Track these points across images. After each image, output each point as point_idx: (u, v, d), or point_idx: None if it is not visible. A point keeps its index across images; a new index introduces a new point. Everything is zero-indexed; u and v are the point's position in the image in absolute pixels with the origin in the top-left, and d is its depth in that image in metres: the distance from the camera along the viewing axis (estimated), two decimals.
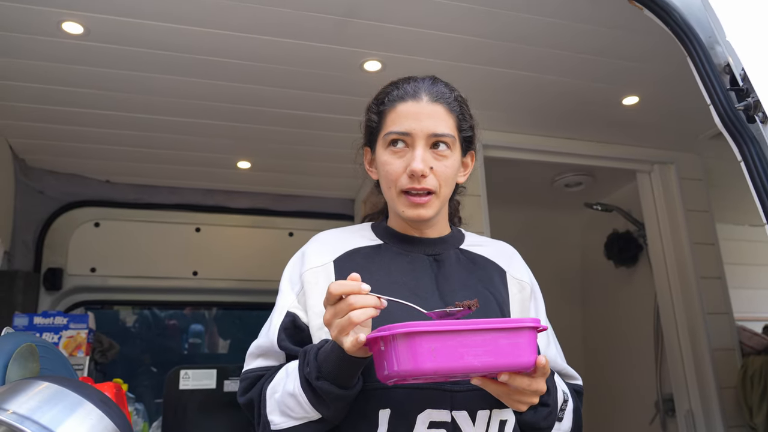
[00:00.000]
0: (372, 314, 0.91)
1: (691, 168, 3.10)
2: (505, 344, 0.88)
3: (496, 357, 0.88)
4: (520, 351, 0.89)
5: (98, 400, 0.98)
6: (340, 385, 0.98)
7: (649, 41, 2.02)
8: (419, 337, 0.85)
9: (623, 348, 3.85)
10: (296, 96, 2.42)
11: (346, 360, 0.95)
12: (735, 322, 3.02)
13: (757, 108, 1.20)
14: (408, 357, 0.85)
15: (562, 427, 1.16)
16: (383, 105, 1.16)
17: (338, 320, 0.92)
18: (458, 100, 1.19)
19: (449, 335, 0.86)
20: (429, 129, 1.11)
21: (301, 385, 1.01)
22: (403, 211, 1.14)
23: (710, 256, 3.03)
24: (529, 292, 1.26)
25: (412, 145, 1.12)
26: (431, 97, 1.14)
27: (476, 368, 0.88)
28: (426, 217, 1.14)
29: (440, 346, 0.85)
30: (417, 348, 0.85)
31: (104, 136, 2.73)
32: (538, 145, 2.85)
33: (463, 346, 0.86)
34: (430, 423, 1.04)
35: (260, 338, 1.18)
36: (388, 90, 1.19)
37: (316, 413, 1.01)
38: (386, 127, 1.14)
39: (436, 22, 1.97)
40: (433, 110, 1.13)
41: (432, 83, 1.17)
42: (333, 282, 0.94)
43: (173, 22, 1.92)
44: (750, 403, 2.79)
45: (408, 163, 1.11)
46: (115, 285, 3.19)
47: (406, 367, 0.86)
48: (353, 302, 0.90)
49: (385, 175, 1.14)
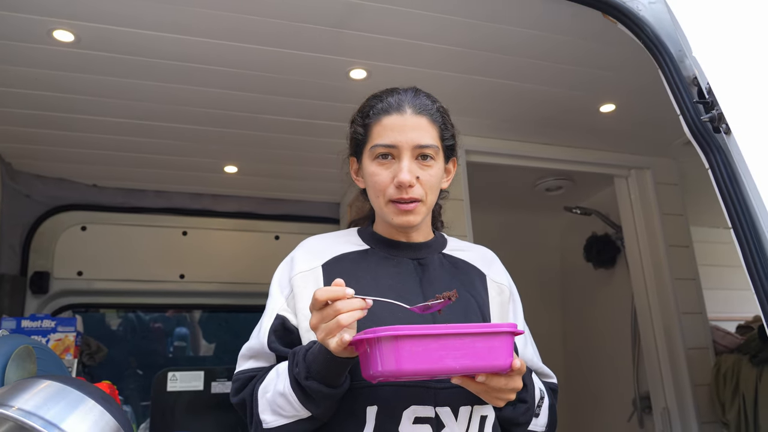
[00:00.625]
0: (358, 316, 0.96)
1: (666, 173, 3.18)
2: (482, 348, 0.93)
3: (473, 360, 0.93)
4: (497, 354, 0.94)
5: (99, 397, 1.02)
6: (328, 384, 1.03)
7: (624, 52, 2.10)
8: (401, 341, 0.90)
9: (602, 347, 3.90)
10: (283, 102, 2.47)
11: (332, 361, 1.00)
12: (708, 322, 3.10)
13: (720, 120, 1.28)
14: (391, 358, 0.90)
15: (538, 422, 1.22)
16: (368, 118, 1.21)
17: (324, 324, 0.96)
18: (440, 111, 1.24)
19: (430, 339, 0.91)
20: (414, 141, 1.16)
21: (291, 385, 1.05)
22: (392, 219, 1.19)
23: (685, 258, 3.11)
24: (508, 295, 1.32)
25: (398, 156, 1.17)
26: (414, 109, 1.19)
27: (455, 370, 0.93)
28: (414, 224, 1.20)
29: (421, 350, 0.90)
30: (399, 350, 0.90)
31: (92, 141, 2.75)
32: (519, 151, 2.91)
33: (443, 348, 0.91)
34: (415, 419, 1.09)
35: (251, 340, 1.22)
36: (372, 103, 1.23)
37: (305, 411, 1.06)
38: (372, 139, 1.19)
39: (420, 32, 2.03)
40: (417, 122, 1.18)
41: (414, 95, 1.22)
42: (318, 288, 0.98)
43: (162, 30, 1.96)
44: (723, 400, 2.87)
45: (395, 174, 1.16)
46: (101, 288, 3.19)
47: (389, 368, 0.91)
48: (340, 307, 0.95)
49: (373, 186, 1.20)
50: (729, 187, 1.27)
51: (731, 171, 1.28)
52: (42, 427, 0.91)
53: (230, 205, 3.47)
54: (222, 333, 3.75)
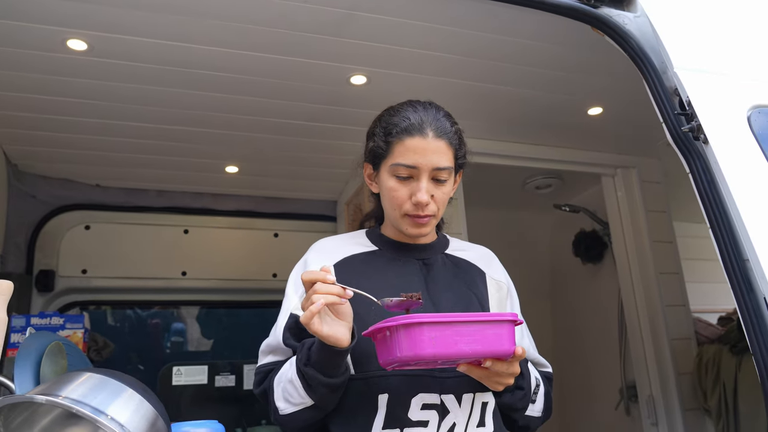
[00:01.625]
0: (332, 301, 1.05)
1: (651, 172, 3.25)
2: (491, 334, 1.03)
3: (483, 345, 1.03)
4: (503, 340, 1.05)
5: (138, 387, 1.11)
6: (325, 372, 1.11)
7: (610, 61, 2.18)
8: (421, 327, 1.00)
9: (590, 339, 3.99)
10: (285, 106, 2.54)
11: (324, 348, 1.09)
12: (691, 314, 3.17)
13: (699, 130, 1.39)
14: (410, 344, 1.00)
15: (535, 408, 1.32)
16: (391, 136, 1.27)
17: (306, 304, 1.06)
18: (457, 133, 1.32)
19: (446, 326, 1.01)
20: (433, 164, 1.25)
21: (297, 373, 1.15)
22: (407, 230, 1.29)
23: (669, 253, 3.18)
24: (506, 291, 1.42)
25: (417, 176, 1.25)
26: (435, 132, 1.26)
27: (466, 354, 1.03)
28: (425, 234, 1.31)
29: (438, 335, 1.00)
30: (418, 336, 0.99)
31: (96, 143, 2.82)
32: (511, 151, 2.98)
33: (457, 335, 1.01)
34: (423, 405, 1.19)
35: (269, 338, 1.31)
36: (395, 121, 1.29)
37: (308, 399, 1.15)
38: (394, 157, 1.27)
39: (417, 41, 2.11)
40: (437, 146, 1.25)
41: (435, 117, 1.29)
42: (304, 272, 1.08)
43: (171, 39, 2.03)
44: (704, 388, 2.95)
45: (413, 192, 1.25)
46: (105, 286, 3.25)
47: (407, 353, 1.00)
48: (317, 288, 1.05)
49: (391, 200, 1.28)
50: (707, 190, 1.38)
51: (710, 176, 1.38)
52: (91, 412, 0.99)
53: (230, 204, 3.53)
54: (223, 329, 3.82)
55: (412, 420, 1.18)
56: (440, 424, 1.19)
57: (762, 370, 1.20)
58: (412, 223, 1.28)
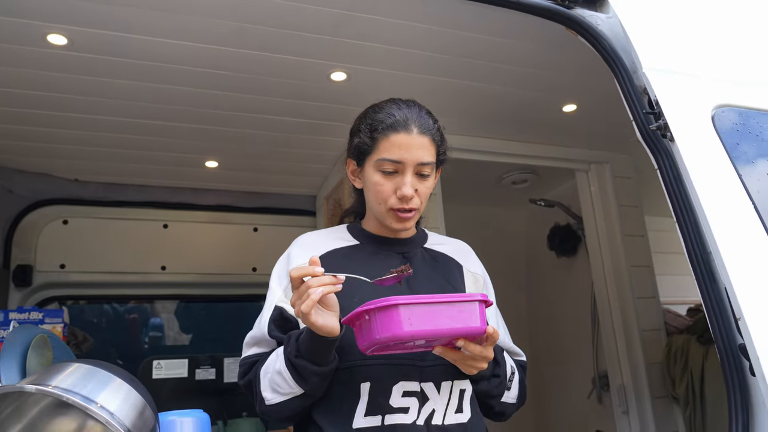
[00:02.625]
0: (328, 291, 1.09)
1: (623, 167, 3.32)
2: (463, 312, 1.09)
3: (456, 321, 1.08)
4: (473, 318, 1.10)
5: (126, 377, 1.13)
6: (315, 362, 1.16)
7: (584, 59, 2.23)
8: (398, 309, 1.04)
9: (564, 330, 4.06)
10: (264, 102, 2.55)
11: (317, 339, 1.13)
12: (661, 305, 3.25)
13: (666, 129, 1.45)
14: (388, 325, 1.04)
15: (510, 395, 1.37)
16: (377, 132, 1.31)
17: (299, 300, 1.09)
18: (439, 130, 1.37)
19: (420, 306, 1.06)
20: (417, 159, 1.29)
21: (285, 364, 1.18)
22: (391, 224, 1.33)
23: (640, 247, 3.26)
24: (482, 283, 1.48)
25: (402, 171, 1.29)
26: (419, 129, 1.31)
27: (441, 331, 1.08)
28: (409, 228, 1.35)
29: (413, 314, 1.05)
30: (395, 317, 1.04)
31: (74, 137, 2.80)
32: (487, 147, 3.03)
33: (431, 314, 1.06)
34: (404, 392, 1.24)
35: (254, 330, 1.34)
36: (380, 117, 1.33)
37: (298, 388, 1.19)
38: (379, 153, 1.31)
39: (397, 38, 2.14)
40: (421, 142, 1.30)
41: (418, 114, 1.34)
42: (293, 268, 1.12)
43: (152, 35, 2.03)
44: (673, 376, 3.03)
45: (397, 186, 1.29)
46: (84, 281, 3.23)
47: (385, 334, 1.04)
48: (310, 283, 1.08)
49: (376, 194, 1.32)
50: (674, 186, 1.44)
51: (676, 172, 1.44)
52: (81, 401, 1.02)
53: (210, 199, 3.53)
54: (202, 322, 3.83)
55: (393, 407, 1.22)
56: (420, 410, 1.24)
57: (723, 357, 1.27)
58: (396, 217, 1.32)
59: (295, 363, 1.16)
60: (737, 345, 1.26)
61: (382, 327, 1.05)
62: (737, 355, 1.26)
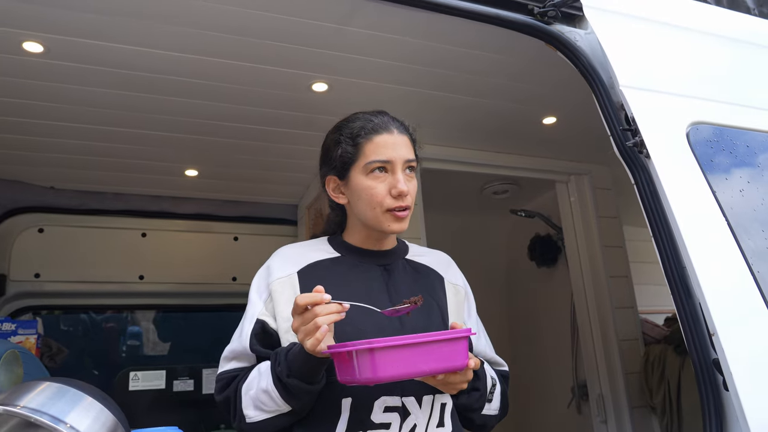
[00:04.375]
0: (334, 319, 1.09)
1: (602, 179, 3.36)
2: (447, 351, 1.07)
3: (439, 362, 1.06)
4: (458, 356, 1.09)
5: (97, 395, 1.11)
6: (307, 381, 1.15)
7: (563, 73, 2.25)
8: (378, 352, 1.01)
9: (544, 340, 4.08)
10: (245, 111, 2.54)
11: (311, 360, 1.12)
12: (639, 315, 3.27)
13: (642, 146, 1.47)
14: (368, 367, 1.01)
15: (491, 407, 1.37)
16: (360, 138, 1.33)
17: (304, 326, 1.08)
18: (413, 130, 1.41)
19: (402, 348, 1.03)
20: (404, 156, 1.32)
21: (274, 383, 1.17)
22: (389, 226, 1.31)
23: (618, 257, 3.29)
24: (463, 294, 1.48)
25: (392, 170, 1.31)
26: (398, 129, 1.35)
27: (424, 372, 1.06)
28: (405, 228, 1.34)
29: (395, 358, 1.01)
30: (376, 360, 1.01)
31: (50, 145, 2.76)
32: (468, 158, 3.04)
33: (414, 355, 1.03)
34: (385, 408, 1.23)
35: (233, 343, 1.32)
36: (359, 125, 1.35)
37: (286, 406, 1.18)
38: (366, 157, 1.31)
39: (379, 50, 2.14)
40: (403, 140, 1.34)
41: (391, 118, 1.38)
42: (299, 295, 1.10)
43: (129, 43, 2.01)
44: (650, 386, 3.06)
45: (391, 185, 1.30)
46: (60, 290, 3.17)
47: (366, 376, 1.02)
48: (318, 311, 1.07)
49: (369, 198, 1.31)
50: (650, 201, 1.45)
51: (653, 188, 1.46)
52: (49, 421, 0.99)
53: (189, 207, 3.49)
54: (181, 332, 3.78)
55: (374, 422, 1.21)
56: (402, 425, 1.23)
57: (698, 371, 1.28)
58: (394, 217, 1.31)
59: (287, 382, 1.15)
60: (711, 359, 1.27)
61: (365, 368, 1.02)
62: (711, 369, 1.28)
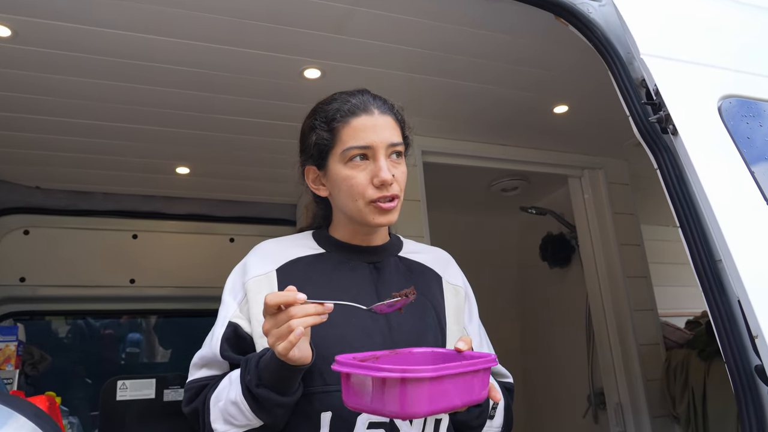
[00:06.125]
0: (312, 322, 0.94)
1: (618, 173, 3.25)
2: (476, 383, 0.90)
3: (470, 395, 0.89)
4: (483, 386, 0.92)
5: (31, 414, 0.96)
6: (280, 392, 1.01)
7: (576, 54, 2.14)
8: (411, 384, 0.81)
9: (557, 345, 3.97)
10: (236, 102, 2.41)
11: (285, 368, 0.98)
12: (659, 318, 3.17)
13: (668, 121, 1.30)
14: (401, 401, 0.82)
15: (493, 424, 1.22)
16: (335, 121, 1.17)
17: (276, 329, 0.94)
18: (398, 110, 1.24)
19: (438, 380, 0.83)
20: (387, 140, 1.16)
21: (243, 393, 1.04)
22: (374, 219, 1.16)
23: (636, 257, 3.18)
24: (463, 296, 1.33)
25: (373, 157, 1.15)
26: (380, 109, 1.18)
27: (456, 407, 0.87)
28: (393, 221, 1.19)
29: (435, 391, 0.83)
30: (413, 393, 0.81)
31: (33, 141, 2.64)
32: (475, 151, 2.93)
33: (448, 387, 0.85)
34: (369, 424, 1.08)
35: (203, 349, 1.19)
36: (334, 106, 1.19)
37: (257, 420, 1.04)
38: (343, 143, 1.16)
39: (374, 32, 2.01)
40: (386, 121, 1.17)
41: (373, 97, 1.21)
42: (269, 293, 0.95)
43: (106, 26, 1.89)
44: (673, 394, 2.94)
45: (373, 174, 1.14)
46: (46, 295, 3.07)
47: (397, 411, 0.82)
48: (293, 313, 0.93)
49: (349, 189, 1.16)
50: (676, 186, 1.29)
51: (678, 171, 1.30)
52: None
53: (183, 208, 3.38)
54: (176, 339, 3.65)
55: None
56: None
57: (737, 380, 1.12)
58: (379, 210, 1.16)
59: (257, 393, 1.01)
60: (753, 366, 1.10)
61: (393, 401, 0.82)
62: (753, 377, 1.10)
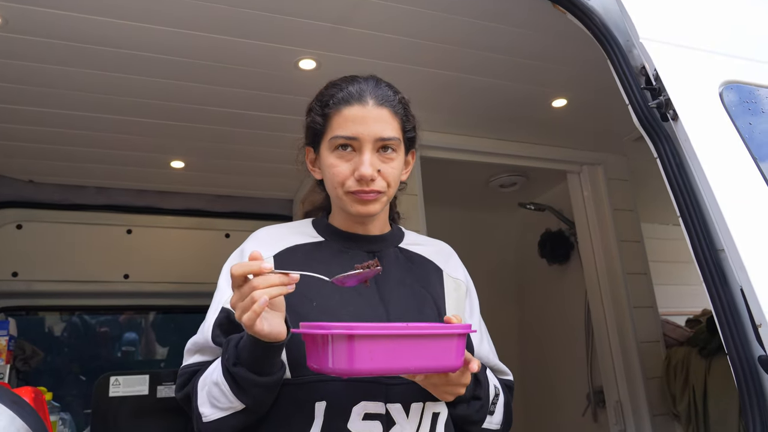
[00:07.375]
0: (276, 293, 0.92)
1: (617, 169, 3.22)
2: (437, 348, 0.92)
3: (427, 360, 0.92)
4: (450, 355, 0.93)
5: (9, 401, 0.93)
6: (257, 371, 0.99)
7: (575, 46, 2.11)
8: (357, 340, 0.86)
9: (556, 342, 3.95)
10: (231, 94, 2.38)
11: (259, 345, 0.97)
12: (659, 315, 3.14)
13: (668, 106, 1.27)
14: (344, 357, 0.87)
15: (493, 420, 1.20)
16: (328, 107, 1.16)
17: (242, 302, 0.92)
18: (401, 102, 1.21)
19: (387, 340, 0.88)
20: (376, 133, 1.13)
21: (223, 374, 1.02)
22: (351, 208, 1.15)
23: (636, 253, 3.15)
24: (464, 290, 1.31)
25: (359, 149, 1.13)
26: (376, 100, 1.15)
27: (408, 370, 0.92)
28: (373, 213, 1.16)
29: (377, 349, 0.87)
30: (354, 349, 0.86)
31: (25, 134, 2.60)
32: (472, 146, 2.89)
33: (400, 349, 0.89)
34: (365, 415, 1.07)
35: (197, 335, 1.18)
36: (331, 92, 1.18)
37: (238, 402, 1.02)
38: (332, 130, 1.14)
39: (370, 21, 1.98)
40: (379, 114, 1.14)
41: (375, 85, 1.18)
42: (234, 264, 0.93)
43: (99, 14, 1.85)
44: (673, 392, 2.91)
45: (356, 166, 1.12)
46: (39, 290, 3.04)
47: (341, 366, 0.87)
48: (256, 284, 0.91)
49: (332, 178, 1.15)
50: (677, 174, 1.26)
51: (679, 159, 1.27)
52: None
53: (177, 202, 3.35)
54: (172, 335, 3.62)
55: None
56: None
57: (737, 368, 1.09)
58: (356, 199, 1.14)
59: (234, 372, 0.99)
60: (757, 357, 1.07)
61: (338, 358, 0.88)
62: (756, 368, 1.07)
